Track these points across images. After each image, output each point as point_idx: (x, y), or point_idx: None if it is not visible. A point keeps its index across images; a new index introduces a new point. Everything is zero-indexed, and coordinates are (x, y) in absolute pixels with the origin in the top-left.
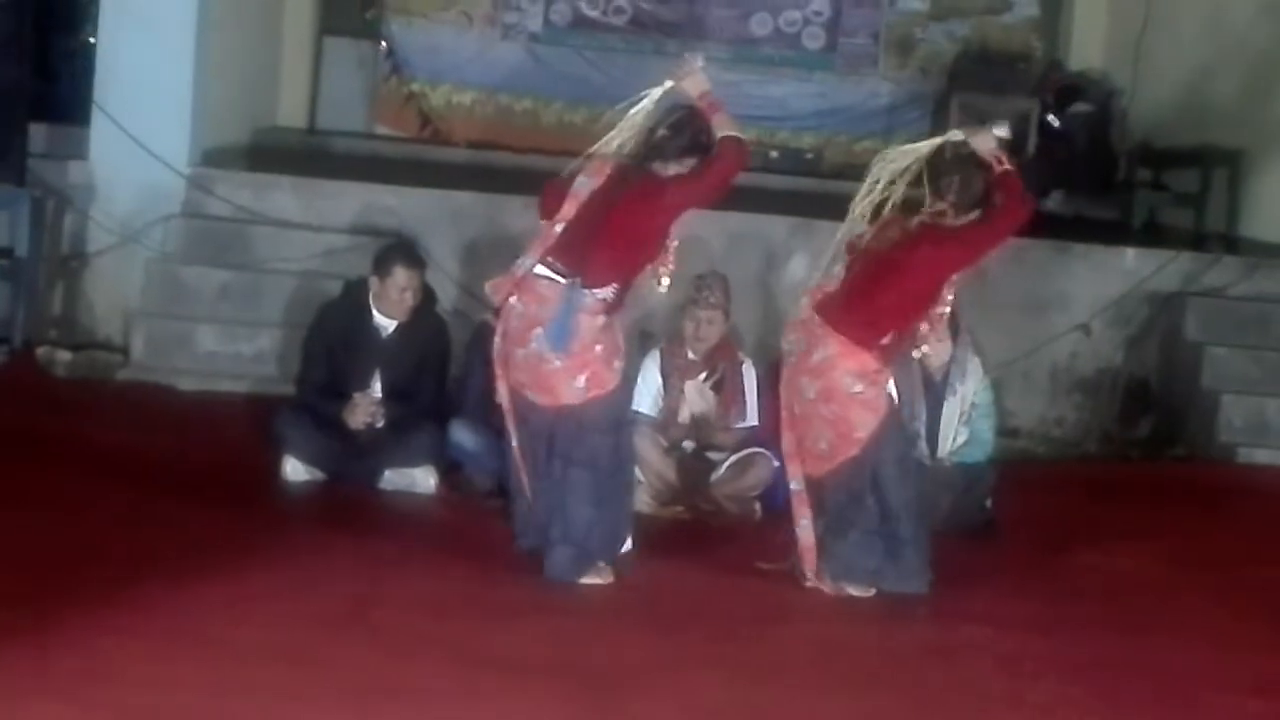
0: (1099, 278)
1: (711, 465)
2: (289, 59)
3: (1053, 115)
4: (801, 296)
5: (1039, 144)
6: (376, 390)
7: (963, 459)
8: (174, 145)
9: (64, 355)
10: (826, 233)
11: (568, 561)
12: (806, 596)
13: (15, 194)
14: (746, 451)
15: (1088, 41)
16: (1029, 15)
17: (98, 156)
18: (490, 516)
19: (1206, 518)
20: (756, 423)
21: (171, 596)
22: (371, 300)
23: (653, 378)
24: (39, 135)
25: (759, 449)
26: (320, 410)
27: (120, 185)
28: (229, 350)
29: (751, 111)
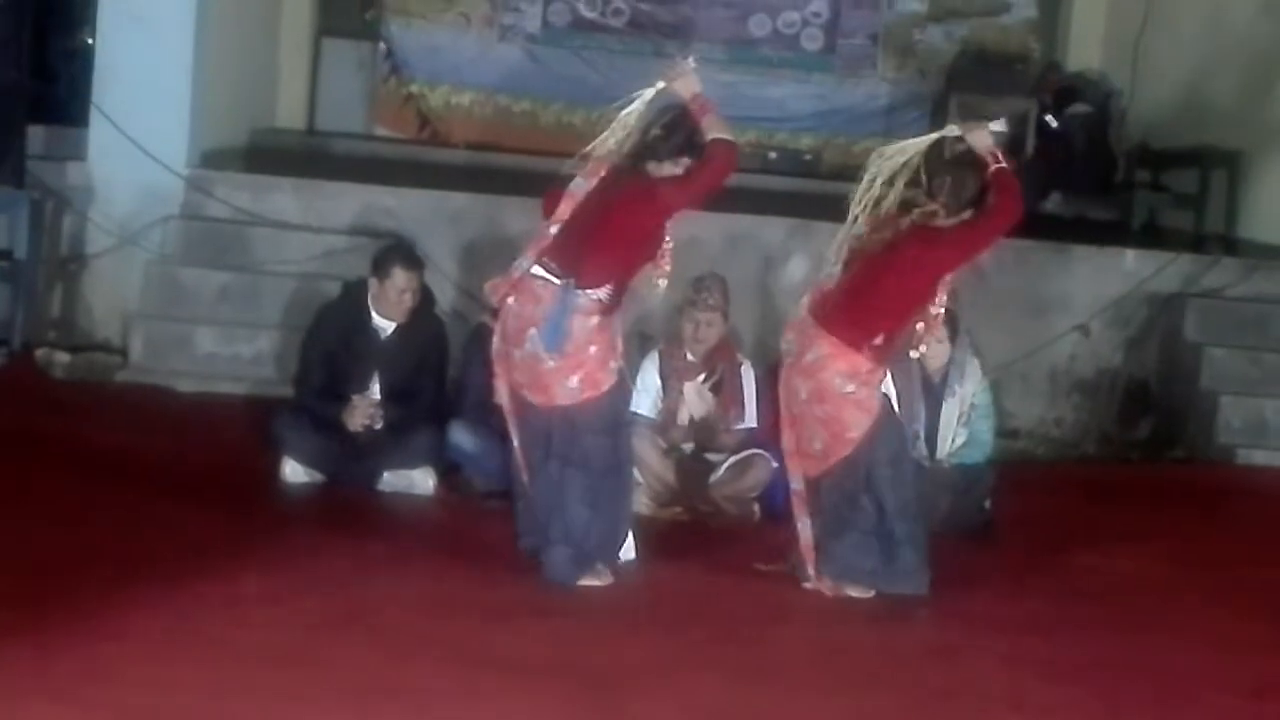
0: (1098, 279)
1: (710, 467)
2: (288, 60)
3: (1051, 116)
4: (802, 296)
5: (1038, 145)
6: (375, 392)
7: (962, 460)
8: (173, 147)
9: (63, 357)
10: (825, 234)
11: (566, 562)
12: (806, 597)
13: (14, 196)
14: (745, 453)
15: (1086, 42)
16: (1027, 16)
17: (96, 158)
18: (489, 518)
19: (1206, 519)
20: (755, 424)
21: (171, 597)
22: (370, 302)
23: (651, 379)
24: (37, 137)
25: (758, 450)
26: (319, 412)
27: (119, 187)
28: (228, 352)
29: (750, 113)
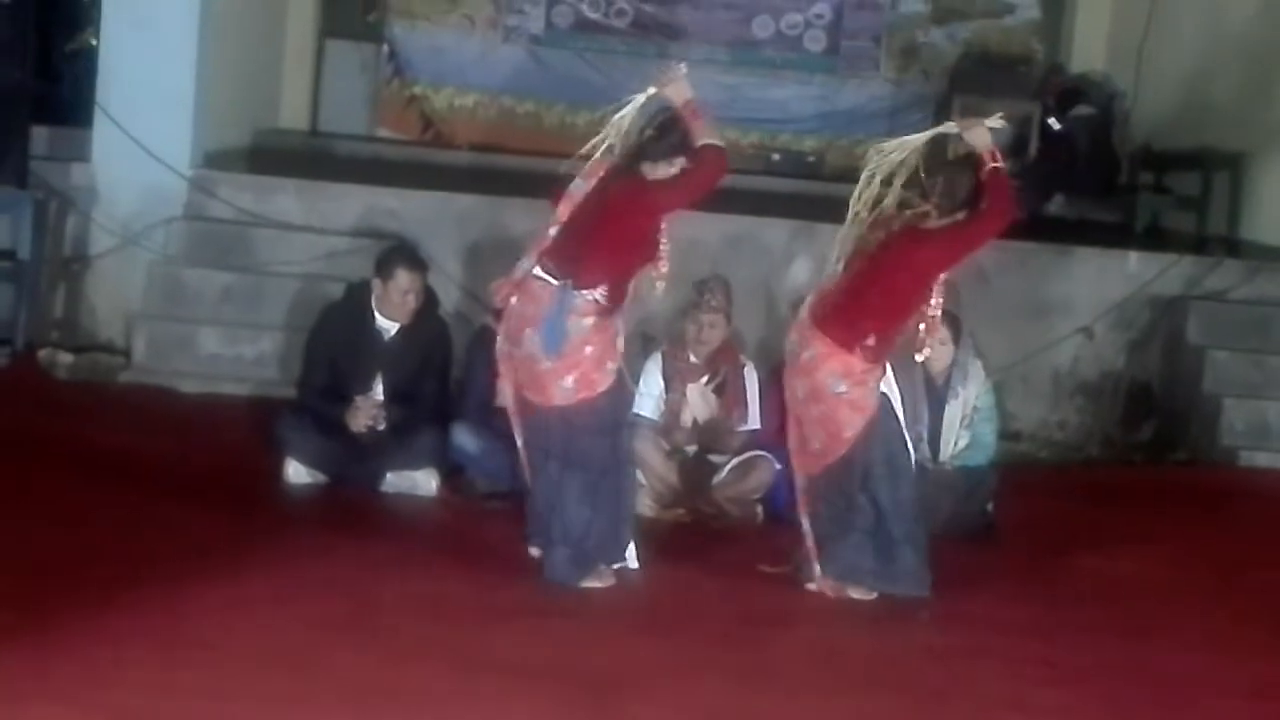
0: (1101, 281)
1: (713, 468)
2: (291, 62)
3: (1054, 118)
4: (805, 298)
5: (1041, 147)
6: (378, 393)
7: (964, 462)
8: (176, 147)
9: (66, 357)
10: (828, 236)
11: (566, 562)
12: (808, 599)
13: (17, 196)
14: (748, 455)
15: (1089, 44)
16: (1030, 18)
17: (100, 159)
18: (492, 519)
19: (1208, 521)
20: (758, 426)
21: (172, 599)
22: (374, 303)
23: (654, 381)
24: (41, 138)
25: (761, 452)
26: (322, 413)
27: (122, 187)
28: (231, 353)
29: (753, 114)
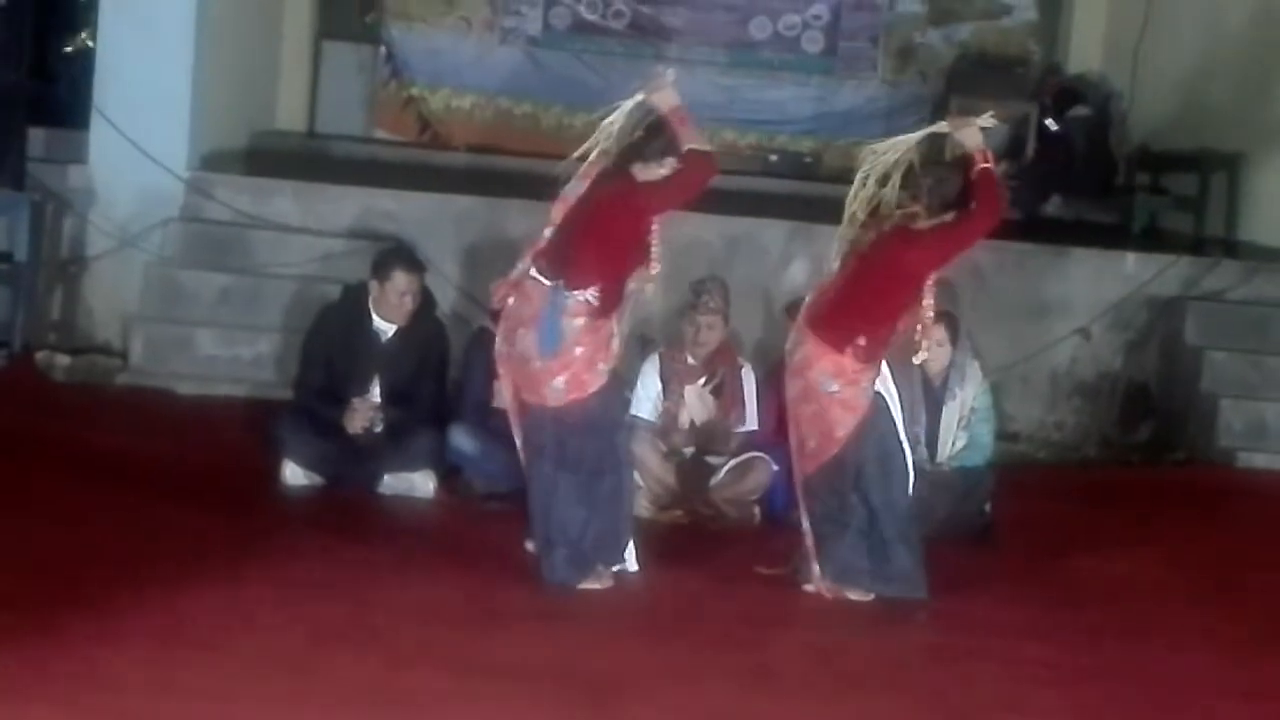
0: (1098, 282)
1: (711, 469)
2: (288, 63)
3: (1051, 119)
4: (804, 299)
5: (1038, 148)
6: (375, 394)
7: (962, 463)
8: (173, 149)
9: (63, 359)
10: (826, 237)
11: (564, 563)
12: (806, 601)
13: (14, 198)
14: (746, 456)
15: (1086, 45)
16: (1027, 19)
17: (97, 160)
18: (489, 520)
19: (1205, 522)
20: (756, 427)
21: (170, 601)
22: (371, 304)
23: (652, 383)
24: (38, 139)
25: (758, 453)
26: (319, 414)
27: (119, 189)
28: (228, 354)
29: (750, 115)
